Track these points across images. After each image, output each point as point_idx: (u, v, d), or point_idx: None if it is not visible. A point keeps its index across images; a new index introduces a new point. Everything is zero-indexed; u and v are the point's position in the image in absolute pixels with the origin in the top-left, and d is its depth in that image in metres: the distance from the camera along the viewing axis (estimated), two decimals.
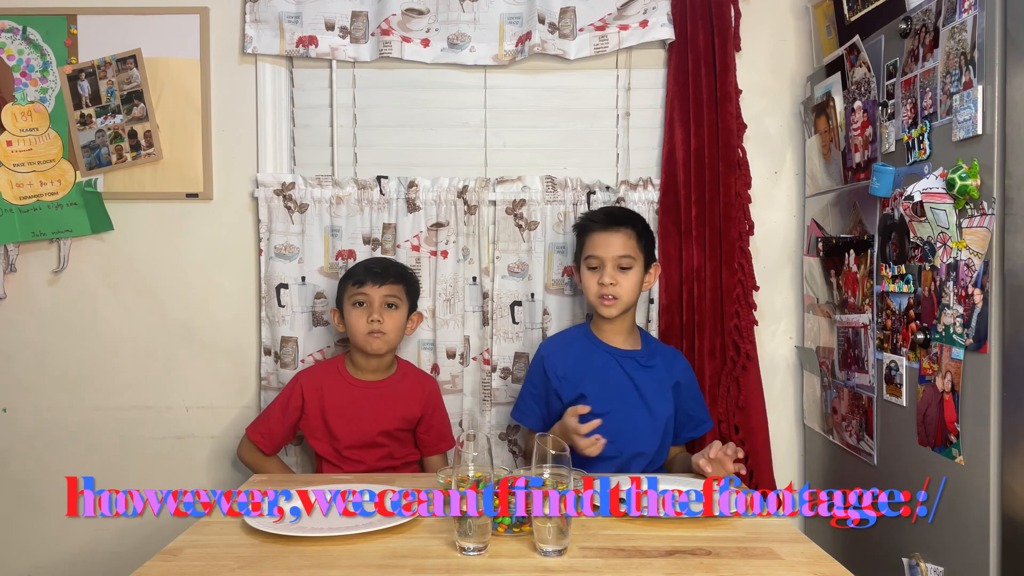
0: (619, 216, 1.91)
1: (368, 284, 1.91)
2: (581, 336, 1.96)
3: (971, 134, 1.37)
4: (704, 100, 2.06)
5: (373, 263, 1.97)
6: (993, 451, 1.35)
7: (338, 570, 1.22)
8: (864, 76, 1.74)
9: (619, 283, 1.85)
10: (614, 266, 1.86)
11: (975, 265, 1.37)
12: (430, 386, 2.03)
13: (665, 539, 1.35)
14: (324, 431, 1.94)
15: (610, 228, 1.88)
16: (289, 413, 1.95)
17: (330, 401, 1.94)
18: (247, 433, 1.98)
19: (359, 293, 1.92)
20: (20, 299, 2.17)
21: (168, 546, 1.32)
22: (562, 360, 1.91)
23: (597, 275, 1.87)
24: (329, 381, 1.96)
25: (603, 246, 1.87)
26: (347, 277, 1.97)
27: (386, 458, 1.95)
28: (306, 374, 2.00)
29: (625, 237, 1.87)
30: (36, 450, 2.18)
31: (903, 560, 1.58)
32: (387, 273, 1.94)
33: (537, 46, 2.09)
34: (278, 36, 2.12)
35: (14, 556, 2.19)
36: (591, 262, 1.89)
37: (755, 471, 2.06)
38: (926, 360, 1.52)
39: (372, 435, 1.92)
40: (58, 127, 2.14)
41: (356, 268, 1.97)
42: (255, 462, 1.98)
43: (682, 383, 1.93)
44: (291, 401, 1.95)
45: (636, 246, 1.88)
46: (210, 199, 2.16)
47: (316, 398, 1.94)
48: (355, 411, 1.93)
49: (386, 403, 1.95)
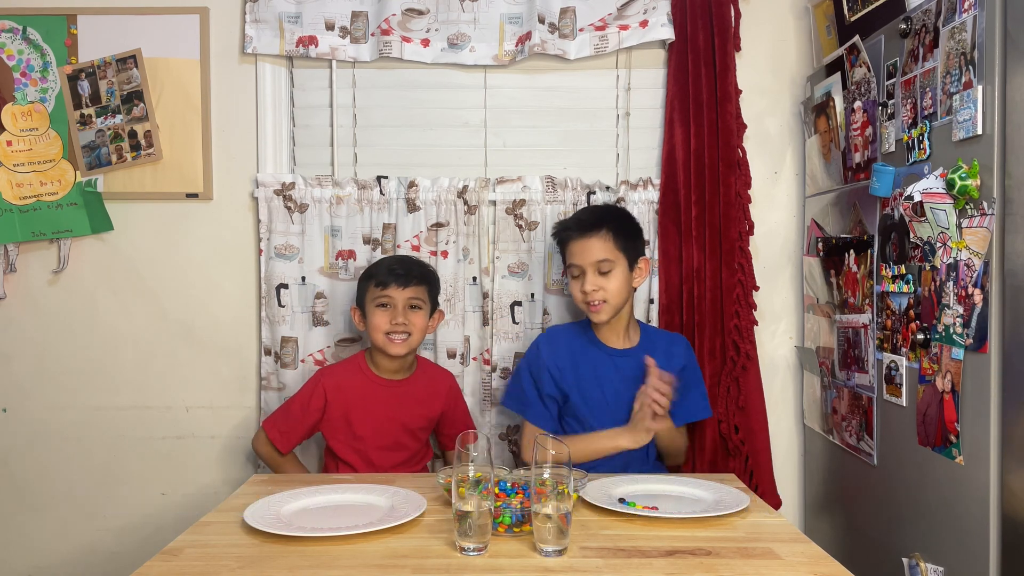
0: (591, 220, 1.87)
1: (392, 286, 1.89)
2: (581, 333, 1.96)
3: (971, 134, 1.37)
4: (704, 100, 2.06)
5: (396, 264, 1.94)
6: (993, 451, 1.35)
7: (338, 570, 1.22)
8: (864, 76, 1.74)
9: (603, 287, 1.84)
10: (594, 271, 1.84)
11: (975, 265, 1.37)
12: (450, 381, 2.04)
13: (665, 539, 1.35)
14: (347, 432, 1.91)
15: (584, 234, 1.85)
16: (310, 413, 1.91)
17: (354, 401, 1.91)
18: (265, 428, 1.94)
19: (383, 295, 1.89)
20: (20, 299, 2.17)
21: (168, 546, 1.32)
22: (559, 351, 1.91)
23: (580, 282, 1.86)
24: (352, 380, 1.94)
25: (580, 253, 1.85)
26: (368, 277, 1.93)
27: (409, 461, 1.94)
28: (327, 374, 1.96)
29: (601, 241, 1.85)
30: (36, 450, 2.18)
31: (903, 560, 1.58)
32: (410, 275, 1.92)
33: (537, 46, 2.09)
34: (278, 36, 2.12)
35: (14, 556, 2.19)
36: (573, 271, 1.88)
37: (755, 471, 2.06)
38: (926, 360, 1.51)
39: (396, 434, 1.92)
40: (58, 127, 2.14)
41: (378, 268, 1.93)
42: (269, 456, 1.95)
43: (686, 366, 1.93)
44: (313, 401, 1.91)
45: (614, 247, 1.85)
46: (210, 199, 2.16)
47: (339, 398, 1.91)
48: (380, 410, 1.91)
49: (410, 401, 1.95)
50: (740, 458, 2.06)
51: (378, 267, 1.95)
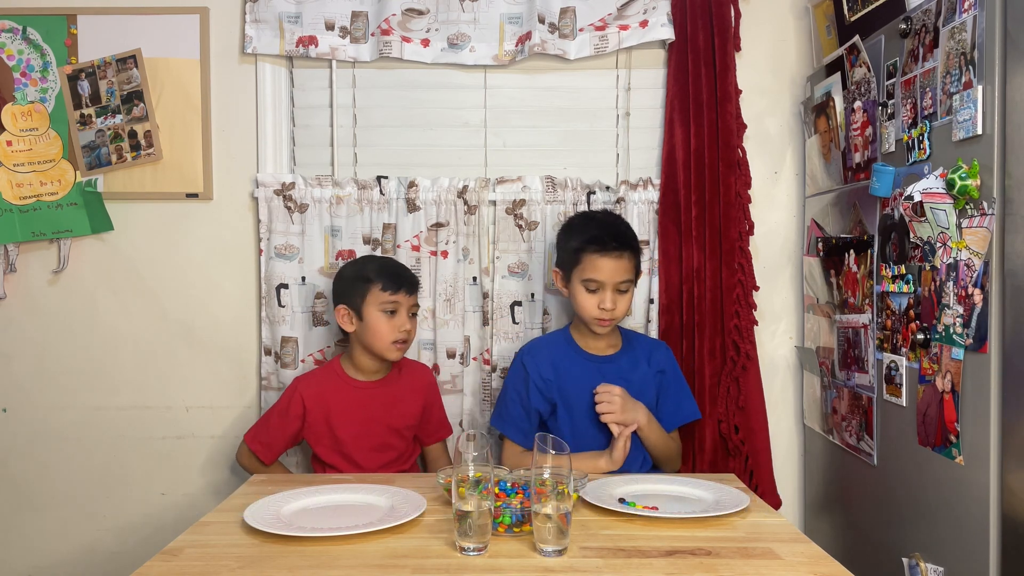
0: (622, 241, 1.85)
1: (402, 292, 1.88)
2: (562, 342, 1.95)
3: (971, 134, 1.37)
4: (704, 100, 2.06)
5: (400, 268, 1.93)
6: (993, 451, 1.35)
7: (338, 570, 1.22)
8: (864, 76, 1.74)
9: (619, 306, 1.85)
10: (614, 290, 1.83)
11: (975, 265, 1.37)
12: (428, 375, 2.04)
13: (665, 539, 1.35)
14: (330, 438, 1.91)
15: (613, 253, 1.83)
16: (290, 422, 1.91)
17: (334, 407, 1.91)
18: (246, 441, 1.95)
19: (391, 301, 1.87)
20: (20, 299, 2.17)
21: (168, 546, 1.32)
22: (543, 363, 1.91)
23: (596, 297, 1.84)
24: (329, 386, 1.93)
25: (605, 271, 1.82)
26: (365, 280, 1.88)
27: (397, 460, 1.94)
28: (304, 382, 1.94)
29: (627, 262, 1.85)
30: (36, 450, 2.18)
31: (903, 560, 1.58)
32: (414, 282, 1.94)
33: (537, 46, 2.09)
34: (278, 36, 2.12)
35: (14, 556, 2.19)
36: (590, 284, 1.84)
37: (755, 471, 2.06)
38: (926, 360, 1.51)
39: (382, 435, 1.91)
40: (58, 127, 2.14)
41: (380, 271, 1.89)
42: (254, 468, 1.95)
43: (666, 370, 1.94)
44: (291, 410, 1.91)
45: (632, 267, 1.87)
46: (210, 199, 2.16)
47: (318, 405, 1.90)
48: (362, 413, 1.91)
49: (391, 401, 1.94)
50: (740, 458, 2.06)
51: (379, 270, 1.90)
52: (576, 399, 1.88)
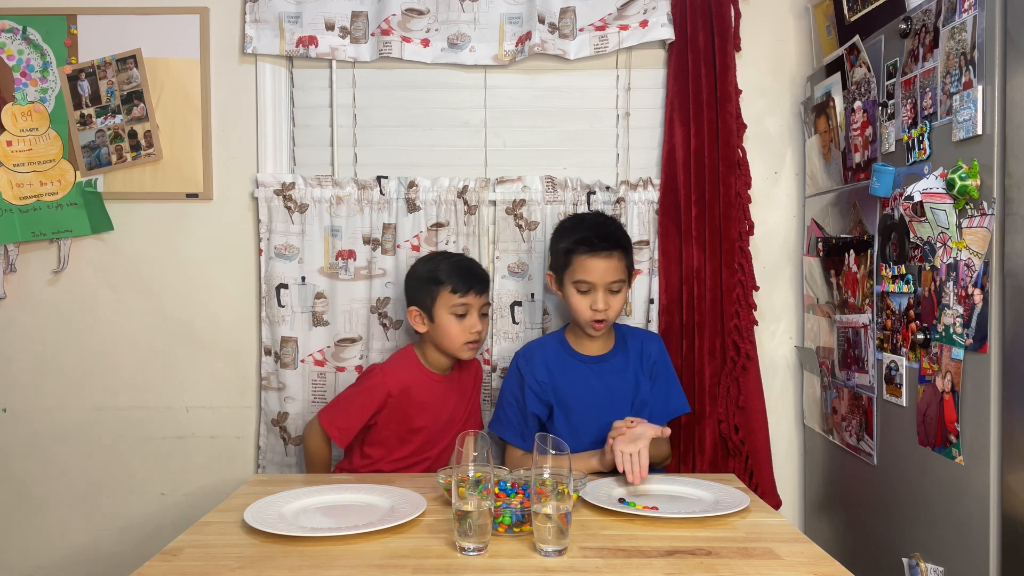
0: (610, 240, 1.84)
1: (472, 294, 1.89)
2: (556, 345, 1.95)
3: (971, 134, 1.37)
4: (704, 100, 2.06)
5: (471, 267, 1.94)
6: (993, 451, 1.35)
7: (338, 570, 1.22)
8: (864, 76, 1.74)
9: (612, 306, 1.84)
10: (606, 290, 1.83)
11: (975, 265, 1.37)
12: (478, 367, 2.08)
13: (665, 539, 1.35)
14: (405, 428, 1.90)
15: (603, 253, 1.82)
16: (372, 408, 1.89)
17: (416, 396, 1.90)
18: (322, 423, 1.90)
19: (461, 304, 1.88)
20: (20, 299, 2.17)
21: (168, 546, 1.32)
22: (538, 367, 1.91)
23: (588, 299, 1.83)
24: (411, 376, 1.92)
25: (595, 271, 1.82)
26: (436, 281, 1.88)
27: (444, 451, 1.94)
28: (390, 373, 1.92)
29: (617, 261, 1.84)
30: (36, 450, 2.18)
31: (903, 560, 1.58)
32: (485, 280, 1.95)
33: (537, 46, 2.09)
34: (278, 36, 2.12)
35: (14, 556, 2.19)
36: (581, 286, 1.84)
37: (755, 471, 2.06)
38: (926, 360, 1.52)
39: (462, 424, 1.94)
40: (58, 127, 2.14)
41: (451, 272, 1.89)
42: (319, 449, 1.92)
43: (657, 361, 1.94)
44: (376, 400, 1.89)
45: (624, 267, 1.86)
46: (210, 199, 2.16)
47: (402, 393, 1.90)
48: (438, 406, 1.93)
49: (462, 393, 1.99)
50: (740, 458, 2.06)
51: (452, 272, 1.89)
52: (571, 401, 1.88)
